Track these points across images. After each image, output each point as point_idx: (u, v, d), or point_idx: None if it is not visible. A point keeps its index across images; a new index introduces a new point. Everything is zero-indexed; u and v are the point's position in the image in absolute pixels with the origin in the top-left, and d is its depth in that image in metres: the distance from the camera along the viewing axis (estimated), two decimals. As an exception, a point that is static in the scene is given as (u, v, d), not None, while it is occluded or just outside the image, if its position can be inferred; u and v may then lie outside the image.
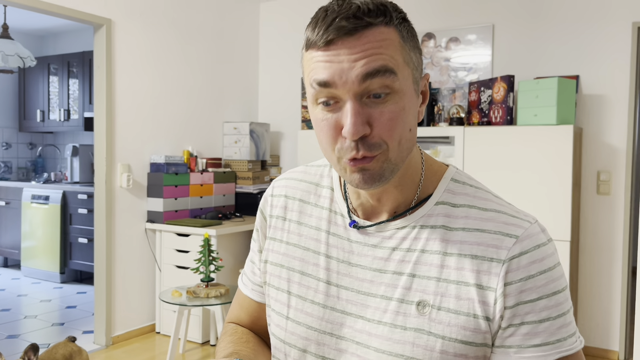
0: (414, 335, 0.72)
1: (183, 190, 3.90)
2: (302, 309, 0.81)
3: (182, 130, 4.08)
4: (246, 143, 4.29)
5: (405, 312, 0.73)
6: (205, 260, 3.08)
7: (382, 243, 0.77)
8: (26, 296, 4.79)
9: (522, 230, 0.72)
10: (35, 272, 5.33)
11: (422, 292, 0.73)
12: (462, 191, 0.77)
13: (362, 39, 0.66)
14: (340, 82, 0.66)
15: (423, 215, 0.76)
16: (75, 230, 5.06)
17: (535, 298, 0.70)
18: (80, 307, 4.47)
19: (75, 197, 5.05)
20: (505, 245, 0.71)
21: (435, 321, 0.72)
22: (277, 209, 0.89)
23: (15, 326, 4.00)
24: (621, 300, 3.44)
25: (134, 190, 3.73)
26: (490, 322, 0.70)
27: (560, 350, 0.70)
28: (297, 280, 0.82)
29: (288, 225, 0.87)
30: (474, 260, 0.71)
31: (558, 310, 0.70)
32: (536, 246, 0.71)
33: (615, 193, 3.44)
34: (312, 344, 0.79)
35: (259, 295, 0.92)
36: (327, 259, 0.81)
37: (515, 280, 0.70)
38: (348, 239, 0.80)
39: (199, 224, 3.62)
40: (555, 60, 3.57)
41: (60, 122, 5.64)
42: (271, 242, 0.88)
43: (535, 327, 0.70)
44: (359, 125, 0.66)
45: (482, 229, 0.73)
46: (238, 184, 4.36)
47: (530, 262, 0.70)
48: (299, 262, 0.83)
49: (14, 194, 5.53)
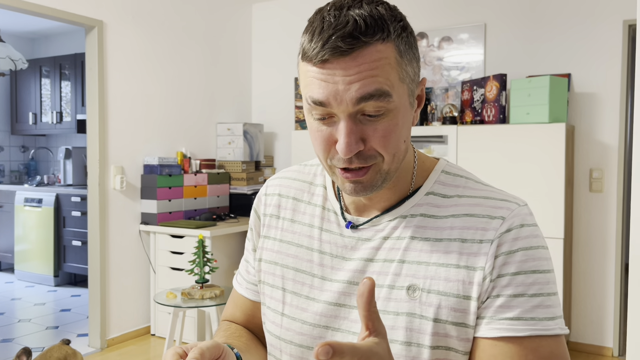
0: (406, 320, 0.73)
1: (177, 192, 3.90)
2: (297, 305, 0.82)
3: (175, 131, 4.07)
4: (240, 144, 4.28)
5: (396, 297, 0.74)
6: (199, 262, 3.08)
7: (375, 235, 0.78)
8: (20, 300, 4.76)
9: (509, 211, 0.73)
10: (29, 275, 5.30)
11: (412, 276, 0.74)
12: (452, 183, 0.79)
13: (358, 59, 0.65)
14: (335, 103, 0.67)
15: (413, 205, 0.78)
16: (69, 233, 5.04)
17: (514, 272, 0.70)
18: (75, 310, 4.45)
19: (69, 199, 5.03)
20: (493, 226, 0.72)
21: (426, 304, 0.72)
22: (271, 208, 0.90)
23: (9, 330, 3.98)
24: (614, 297, 3.46)
25: (127, 192, 3.72)
26: (478, 300, 0.71)
27: (533, 328, 0.69)
28: (292, 277, 0.83)
29: (282, 223, 0.88)
30: (463, 244, 0.73)
31: (536, 289, 0.70)
32: (521, 225, 0.72)
33: (607, 190, 3.46)
34: (308, 339, 0.80)
35: (253, 294, 0.93)
36: (320, 254, 0.82)
37: (500, 253, 0.71)
38: (341, 234, 0.81)
39: (193, 225, 3.61)
40: (547, 58, 3.59)
41: (53, 124, 5.61)
42: (265, 240, 0.89)
43: (509, 301, 0.70)
44: (352, 144, 0.68)
45: (470, 214, 0.74)
46: (232, 184, 4.35)
47: (515, 238, 0.71)
48: (293, 259, 0.84)
49: (7, 197, 5.50)
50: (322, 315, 0.79)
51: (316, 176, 0.90)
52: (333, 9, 0.67)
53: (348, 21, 0.65)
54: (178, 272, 3.68)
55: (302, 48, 0.69)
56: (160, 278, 3.78)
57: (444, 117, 3.68)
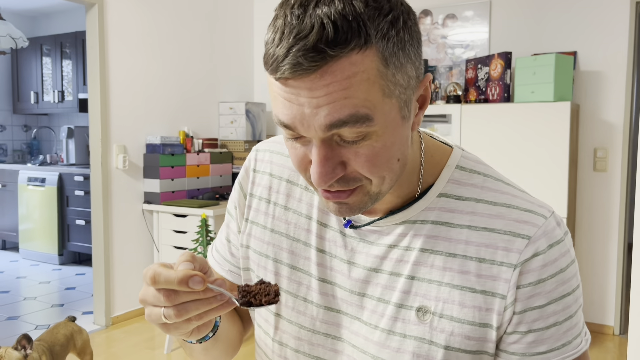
0: (414, 344, 0.66)
1: (179, 171, 3.89)
2: (294, 307, 0.74)
3: (177, 110, 4.06)
4: (242, 123, 4.26)
5: (405, 318, 0.67)
6: (203, 241, 3.09)
7: (379, 240, 0.69)
8: (25, 278, 4.80)
9: (535, 229, 0.64)
10: (34, 254, 5.34)
11: (422, 297, 0.66)
12: (468, 181, 0.68)
13: (326, 77, 0.52)
14: (302, 128, 0.55)
15: (424, 209, 0.67)
16: (73, 212, 5.06)
17: (544, 304, 0.64)
18: (80, 289, 4.49)
19: (72, 179, 5.03)
20: (517, 247, 0.63)
21: (437, 330, 0.65)
22: (260, 189, 0.79)
23: (15, 308, 4.02)
24: (617, 276, 3.47)
25: (130, 171, 3.72)
26: (498, 330, 0.65)
27: (565, 355, 0.65)
28: (287, 274, 0.75)
29: (273, 209, 0.77)
30: (481, 264, 0.64)
31: (566, 313, 0.65)
32: (549, 246, 0.64)
33: (611, 170, 3.44)
34: (305, 344, 0.74)
35: (236, 277, 0.83)
36: (319, 253, 0.73)
37: (525, 284, 0.63)
38: (341, 232, 0.72)
39: (196, 205, 3.62)
40: (553, 36, 3.55)
41: (55, 103, 5.59)
42: (252, 226, 0.79)
43: (541, 334, 0.64)
44: (328, 172, 0.57)
45: (490, 228, 0.65)
46: (234, 164, 4.35)
47: (543, 264, 0.63)
48: (288, 254, 0.75)
49: (10, 176, 5.51)
50: (322, 322, 0.72)
51: None
52: (297, 4, 0.53)
53: (313, 25, 0.51)
54: (181, 250, 3.70)
55: (264, 53, 0.55)
56: (164, 257, 3.80)
57: (448, 96, 3.65)
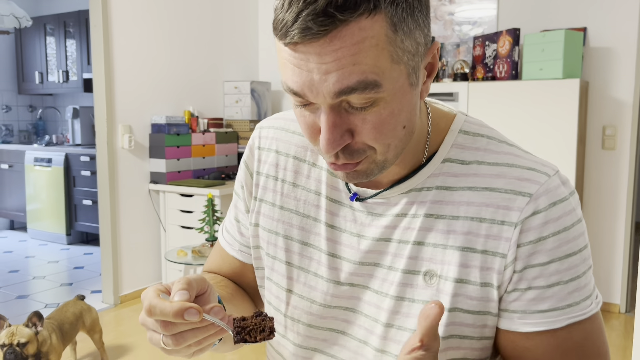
0: (421, 308, 0.67)
1: (185, 151, 3.89)
2: (305, 283, 0.75)
3: (182, 90, 4.04)
4: (247, 102, 4.24)
5: (413, 283, 0.68)
6: (209, 220, 3.10)
7: (387, 211, 0.70)
8: (34, 258, 4.85)
9: (537, 186, 0.64)
10: (42, 234, 5.38)
11: (429, 261, 0.67)
12: (471, 145, 0.69)
13: (335, 42, 0.52)
14: (311, 95, 0.56)
15: (429, 175, 0.68)
16: (79, 193, 5.08)
17: (546, 261, 0.63)
18: (88, 268, 4.53)
19: (78, 159, 5.04)
20: (518, 205, 0.63)
21: (443, 292, 0.66)
22: (267, 166, 0.79)
23: (25, 287, 4.06)
24: (623, 255, 3.46)
25: (136, 151, 3.72)
26: (499, 289, 0.65)
27: (570, 316, 0.64)
28: (298, 250, 0.76)
29: (281, 186, 0.78)
30: (482, 224, 0.65)
31: (572, 273, 0.64)
32: (552, 204, 0.63)
33: (620, 148, 3.41)
34: (318, 318, 0.75)
35: (246, 256, 0.85)
36: (328, 228, 0.73)
37: (525, 242, 0.63)
38: (351, 207, 0.72)
39: (202, 185, 3.63)
40: (562, 12, 3.48)
41: (59, 83, 5.58)
42: (261, 204, 0.80)
43: (542, 292, 0.63)
44: (336, 139, 0.58)
45: (491, 188, 0.65)
46: (240, 144, 4.34)
47: (544, 222, 0.63)
48: (298, 231, 0.76)
49: (17, 157, 5.52)
50: (333, 296, 0.73)
51: None
52: None
53: None
54: (188, 230, 3.72)
55: (273, 19, 0.56)
56: (171, 236, 3.82)
57: (455, 74, 3.61)
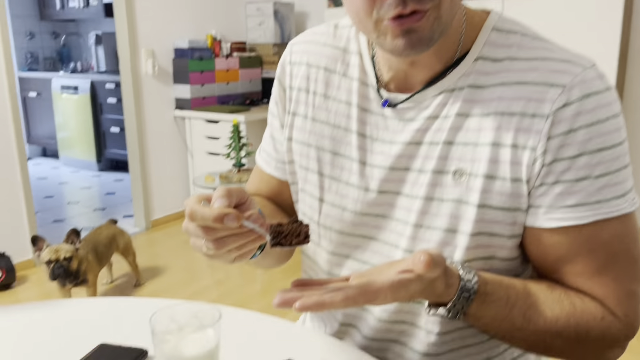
0: (451, 207, 0.68)
1: (209, 77, 3.84)
2: (337, 191, 0.76)
3: (204, 12, 3.93)
4: (270, 25, 4.12)
5: (442, 183, 0.68)
6: (235, 146, 3.10)
7: (419, 114, 0.70)
8: (67, 184, 4.98)
9: (572, 77, 0.62)
10: (73, 161, 5.50)
11: (458, 160, 0.67)
12: (504, 42, 0.67)
13: None
14: None
15: (461, 75, 0.67)
16: (107, 120, 5.12)
17: (575, 154, 0.61)
18: (119, 194, 4.65)
19: (103, 86, 5.04)
20: (550, 97, 0.62)
21: (473, 189, 0.66)
22: (299, 80, 0.80)
23: (60, 211, 4.20)
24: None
25: (160, 77, 3.69)
26: (528, 184, 0.64)
27: (599, 212, 0.62)
28: (329, 160, 0.77)
29: (312, 98, 0.79)
30: (512, 118, 0.64)
31: (602, 168, 0.62)
32: (586, 95, 0.61)
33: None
34: (349, 225, 0.76)
35: (282, 172, 0.86)
36: (359, 137, 0.74)
37: (555, 134, 0.62)
38: (382, 115, 0.73)
39: (227, 110, 3.61)
40: None
41: (80, 9, 5.49)
42: (294, 117, 0.81)
43: (570, 186, 0.62)
44: None
45: (523, 82, 0.64)
46: (264, 68, 4.26)
47: (576, 113, 0.61)
48: (330, 141, 0.77)
49: (43, 85, 5.55)
50: (363, 203, 0.74)
51: (350, 41, 0.77)
52: None
53: None
54: (215, 156, 3.74)
55: None
56: (198, 162, 3.86)
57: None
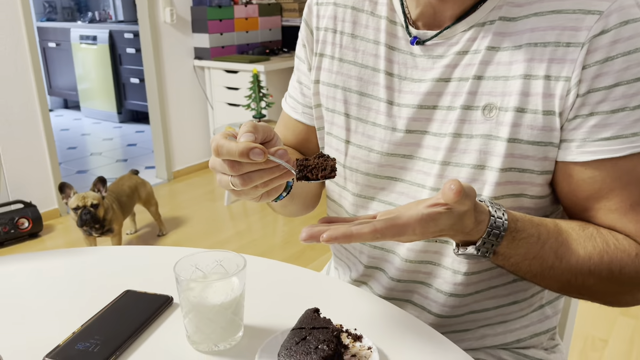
0: (481, 142, 0.66)
1: (228, 25, 3.77)
2: (364, 132, 0.75)
3: (222, -42, 3.81)
4: (291, -29, 3.99)
5: (471, 119, 0.66)
6: (255, 97, 3.06)
7: (448, 51, 0.68)
8: (89, 135, 5.02)
9: (609, 3, 0.59)
10: (95, 112, 5.52)
11: (488, 94, 0.65)
12: None
13: None
14: None
15: (492, 8, 0.65)
16: (126, 71, 5.09)
17: (611, 84, 0.59)
18: (140, 145, 4.67)
19: (122, 36, 4.99)
20: (586, 24, 0.59)
21: (503, 124, 0.64)
22: (325, 20, 0.78)
23: (84, 162, 4.25)
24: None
25: (178, 25, 3.62)
26: (561, 117, 0.61)
27: (635, 145, 0.59)
28: (356, 101, 0.75)
29: (340, 38, 0.77)
30: (545, 48, 0.61)
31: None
32: (624, 22, 0.58)
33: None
34: (375, 166, 0.75)
35: (309, 118, 0.85)
36: (387, 76, 0.72)
37: (591, 63, 0.59)
38: (411, 53, 0.71)
39: (247, 60, 3.54)
40: None
41: (97, -44, 5.38)
42: (321, 59, 0.79)
43: (606, 118, 0.59)
44: None
45: (558, 10, 0.61)
46: (284, 16, 4.16)
47: (613, 41, 0.58)
48: (357, 82, 0.75)
49: (62, 35, 5.51)
50: (390, 143, 0.72)
51: None
52: None
53: None
54: (235, 107, 3.71)
55: None
56: (218, 113, 3.83)
57: None
